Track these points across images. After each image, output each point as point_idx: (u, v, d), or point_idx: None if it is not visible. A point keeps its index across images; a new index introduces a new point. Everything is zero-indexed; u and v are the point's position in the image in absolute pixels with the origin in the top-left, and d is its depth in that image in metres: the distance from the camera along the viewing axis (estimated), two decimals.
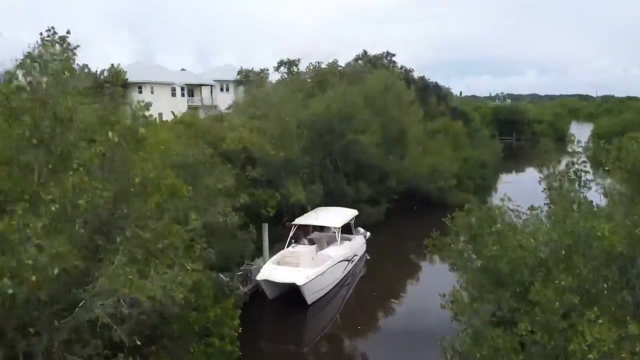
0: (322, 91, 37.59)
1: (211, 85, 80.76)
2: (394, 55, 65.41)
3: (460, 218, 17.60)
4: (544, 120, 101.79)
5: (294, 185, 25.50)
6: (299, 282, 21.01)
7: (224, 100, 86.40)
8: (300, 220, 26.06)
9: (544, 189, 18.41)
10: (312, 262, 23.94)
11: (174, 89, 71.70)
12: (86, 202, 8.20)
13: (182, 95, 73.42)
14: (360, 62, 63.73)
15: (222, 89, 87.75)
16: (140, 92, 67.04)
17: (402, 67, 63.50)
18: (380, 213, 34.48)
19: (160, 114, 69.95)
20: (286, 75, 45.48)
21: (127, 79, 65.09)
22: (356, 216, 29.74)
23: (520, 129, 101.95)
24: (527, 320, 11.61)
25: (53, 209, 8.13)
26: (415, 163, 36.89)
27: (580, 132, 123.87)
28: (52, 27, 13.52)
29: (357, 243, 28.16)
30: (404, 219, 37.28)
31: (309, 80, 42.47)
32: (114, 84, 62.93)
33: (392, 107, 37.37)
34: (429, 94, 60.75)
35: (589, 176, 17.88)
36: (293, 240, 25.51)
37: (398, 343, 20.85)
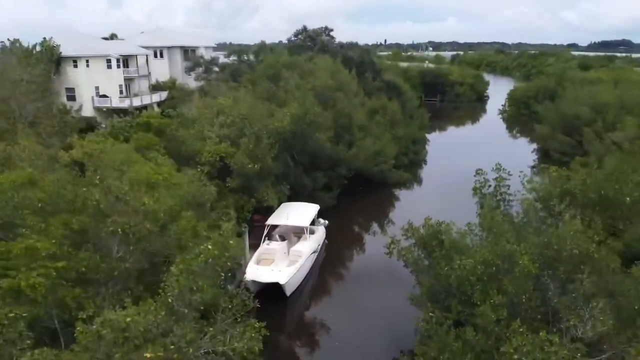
0: (275, 84, 40.55)
1: (146, 55, 79.57)
2: (331, 30, 68.30)
3: (416, 231, 22.38)
4: (465, 83, 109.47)
5: (267, 190, 29.10)
6: (281, 282, 25.15)
7: (158, 67, 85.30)
8: (272, 220, 29.86)
9: (477, 202, 23.48)
10: (286, 258, 28.17)
11: (109, 61, 70.25)
12: (200, 297, 11.67)
13: (118, 66, 72.13)
14: (300, 37, 66.11)
15: (155, 55, 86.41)
16: (76, 66, 65.59)
17: (339, 43, 66.76)
18: (332, 198, 38.84)
19: (97, 88, 69.39)
20: (237, 63, 47.45)
21: (60, 53, 63.37)
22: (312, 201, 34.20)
23: (444, 90, 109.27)
24: (472, 326, 16.55)
25: (170, 300, 11.54)
26: (361, 150, 41.20)
27: (497, 88, 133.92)
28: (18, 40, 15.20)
29: (320, 233, 32.47)
30: (352, 200, 42.05)
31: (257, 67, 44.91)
32: (50, 60, 61.43)
33: (341, 100, 41.11)
34: (365, 69, 64.76)
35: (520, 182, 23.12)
36: (267, 238, 29.40)
37: (362, 315, 25.97)
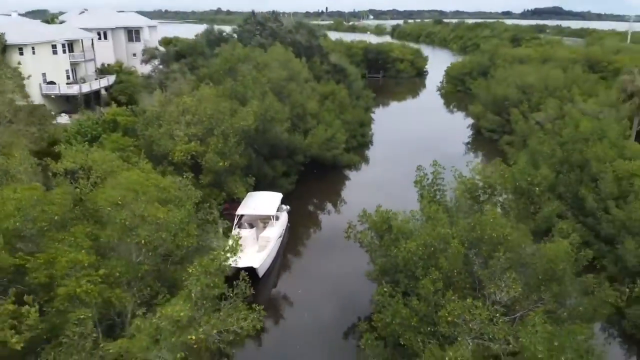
0: (233, 77, 43.25)
1: (92, 38, 78.87)
2: (279, 14, 70.61)
3: (369, 217, 26.48)
4: (406, 59, 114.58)
5: (235, 183, 32.43)
6: (255, 266, 28.86)
7: (102, 49, 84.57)
8: (242, 210, 33.30)
9: (417, 191, 27.85)
10: (256, 243, 31.82)
11: (54, 47, 69.83)
12: (217, 292, 15.22)
13: (64, 52, 71.77)
14: (249, 22, 68.12)
15: (99, 37, 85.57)
16: (22, 54, 64.88)
17: (286, 27, 69.22)
18: (291, 183, 42.58)
19: (44, 75, 68.99)
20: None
21: (6, 41, 62.56)
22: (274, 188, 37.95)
23: (386, 66, 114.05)
24: (416, 296, 20.98)
25: (193, 296, 14.99)
26: (315, 138, 44.92)
27: (436, 61, 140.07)
28: None
29: (283, 219, 36.22)
30: (308, 184, 46.05)
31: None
32: None
33: (295, 92, 44.41)
34: (313, 53, 67.88)
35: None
36: (237, 226, 32.89)
37: (325, 289, 30.20)
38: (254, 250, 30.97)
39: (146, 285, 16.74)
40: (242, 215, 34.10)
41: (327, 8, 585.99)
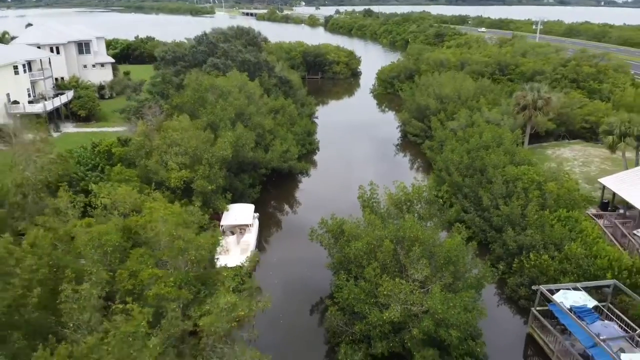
0: (202, 106, 51.65)
1: (49, 57, 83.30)
2: (228, 33, 78.43)
3: (326, 223, 36.33)
4: (341, 62, 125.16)
5: (219, 201, 41.37)
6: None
7: (55, 63, 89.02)
8: (225, 221, 42.28)
9: (360, 202, 38.01)
10: (238, 247, 40.93)
11: (16, 67, 74.30)
12: (242, 287, 24.45)
13: (24, 71, 76.24)
14: (202, 42, 75.61)
15: (52, 52, 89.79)
16: None
17: (237, 47, 77.31)
18: (257, 193, 51.78)
19: (8, 95, 73.82)
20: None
21: None
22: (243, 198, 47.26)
23: (323, 68, 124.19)
24: (363, 279, 31.08)
25: (230, 289, 24.12)
26: (274, 153, 54.21)
27: (368, 57, 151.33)
28: None
29: (256, 225, 45.50)
30: (268, 190, 55.47)
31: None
32: None
33: (254, 115, 53.41)
34: (261, 67, 76.57)
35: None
36: (221, 234, 41.87)
37: (294, 279, 39.87)
38: (238, 252, 40.10)
39: (192, 285, 25.72)
40: (222, 225, 43.17)
41: None
